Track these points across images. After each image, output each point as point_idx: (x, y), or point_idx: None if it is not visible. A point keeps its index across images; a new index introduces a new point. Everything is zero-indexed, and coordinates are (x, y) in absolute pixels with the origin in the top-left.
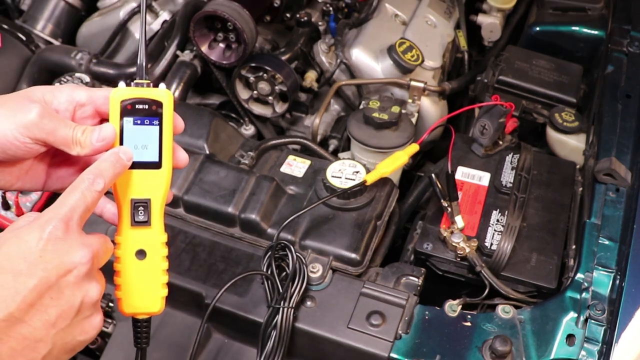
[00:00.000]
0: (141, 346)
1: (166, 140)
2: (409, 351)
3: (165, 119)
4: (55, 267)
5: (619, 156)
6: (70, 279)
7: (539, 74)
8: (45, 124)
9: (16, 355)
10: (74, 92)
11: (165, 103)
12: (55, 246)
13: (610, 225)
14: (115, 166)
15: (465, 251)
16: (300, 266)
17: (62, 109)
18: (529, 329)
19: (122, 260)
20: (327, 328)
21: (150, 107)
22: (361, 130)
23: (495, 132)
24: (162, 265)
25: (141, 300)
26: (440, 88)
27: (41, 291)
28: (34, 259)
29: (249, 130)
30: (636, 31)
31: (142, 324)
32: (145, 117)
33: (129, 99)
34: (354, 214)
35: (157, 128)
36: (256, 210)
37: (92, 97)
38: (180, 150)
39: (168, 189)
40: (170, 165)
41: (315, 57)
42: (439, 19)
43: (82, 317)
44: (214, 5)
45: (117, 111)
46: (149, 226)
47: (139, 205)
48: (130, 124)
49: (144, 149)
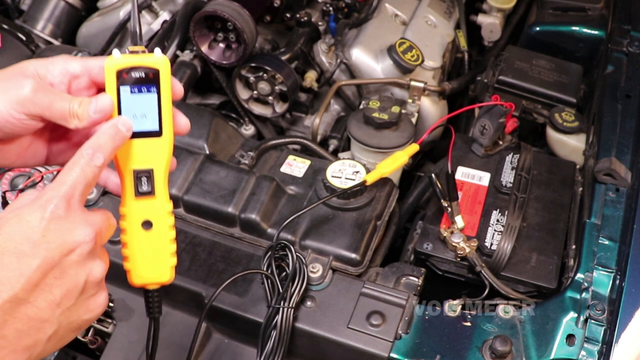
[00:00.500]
0: (154, 316)
1: (165, 107)
2: (409, 351)
3: (163, 85)
4: (59, 247)
5: (619, 156)
6: (74, 258)
7: (539, 74)
8: (40, 98)
9: (22, 336)
10: (67, 64)
11: (162, 69)
12: (57, 225)
13: (610, 225)
14: (114, 139)
15: (465, 251)
16: (300, 266)
17: (56, 82)
18: (529, 329)
19: (128, 232)
20: (327, 328)
21: (147, 75)
22: (361, 130)
23: (495, 132)
24: (169, 235)
25: (150, 271)
26: (440, 88)
27: (45, 271)
28: (37, 239)
29: (249, 130)
30: (636, 31)
31: (154, 294)
32: (142, 84)
33: (125, 67)
34: (354, 214)
35: (155, 95)
36: (256, 210)
37: (86, 68)
38: (180, 116)
39: (170, 156)
40: (172, 133)
41: (315, 57)
42: (439, 19)
43: (87, 296)
44: (214, 5)
45: (113, 80)
46: (153, 196)
47: (142, 175)
48: (128, 92)
49: (143, 118)
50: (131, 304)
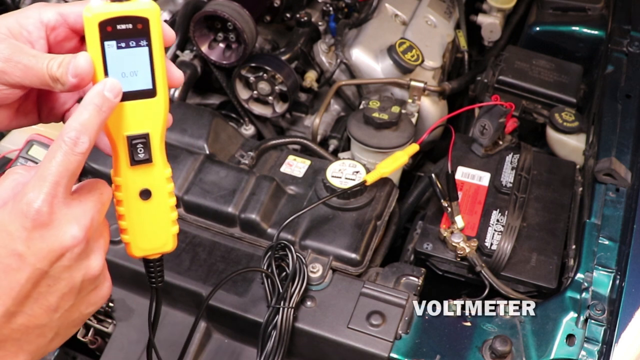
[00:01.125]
0: (156, 285)
1: (158, 62)
2: (409, 351)
3: (154, 36)
4: (46, 256)
5: (618, 156)
6: (65, 263)
7: (539, 74)
8: (13, 66)
9: (22, 345)
10: (41, 14)
11: (152, 18)
12: (41, 232)
13: (610, 225)
14: (101, 111)
15: (465, 251)
16: (300, 266)
17: (33, 38)
18: (528, 329)
19: (125, 203)
20: (327, 328)
21: (135, 26)
22: (361, 130)
23: (495, 132)
24: (169, 202)
25: (151, 242)
26: (440, 88)
27: (36, 282)
28: (22, 251)
29: (249, 130)
30: (636, 31)
31: (155, 263)
32: (130, 38)
33: (108, 18)
34: (354, 214)
35: (146, 49)
36: (256, 210)
37: (62, 16)
38: (173, 68)
39: (167, 116)
40: (167, 90)
41: (315, 57)
42: (439, 19)
43: (87, 292)
44: (214, 5)
45: (95, 35)
46: (150, 164)
47: (137, 142)
48: (114, 48)
49: (133, 76)
50: (131, 304)
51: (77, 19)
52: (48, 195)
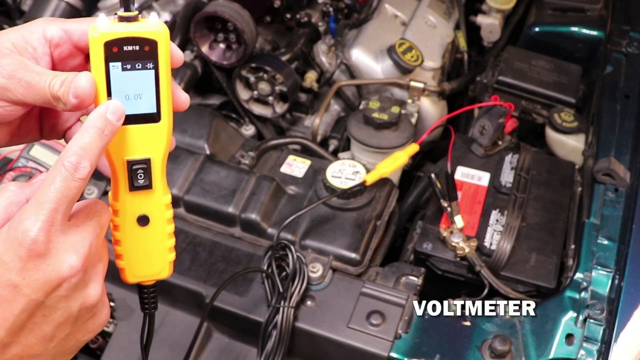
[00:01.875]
0: (149, 311)
1: (164, 86)
2: (409, 351)
3: (161, 60)
4: (42, 287)
5: (618, 156)
6: (62, 293)
7: (538, 75)
8: (16, 84)
9: None
10: (46, 30)
11: (161, 41)
12: (37, 263)
13: (609, 225)
14: (103, 134)
15: (465, 251)
16: (301, 266)
17: (38, 54)
18: (528, 329)
19: (122, 228)
20: (327, 327)
21: (142, 48)
22: (361, 131)
23: (495, 133)
24: (167, 229)
25: (146, 269)
26: (440, 88)
27: (30, 313)
28: (17, 282)
29: (249, 131)
30: (635, 32)
31: (149, 289)
32: (136, 60)
33: (114, 38)
34: (354, 214)
35: (152, 72)
36: (256, 210)
37: (67, 33)
38: (180, 92)
39: (170, 142)
40: (171, 116)
41: (316, 57)
42: (438, 19)
43: (84, 321)
44: (215, 6)
45: (100, 55)
46: (150, 189)
47: (138, 167)
48: (119, 69)
49: (137, 99)
50: (131, 304)
51: (82, 36)
52: (45, 223)
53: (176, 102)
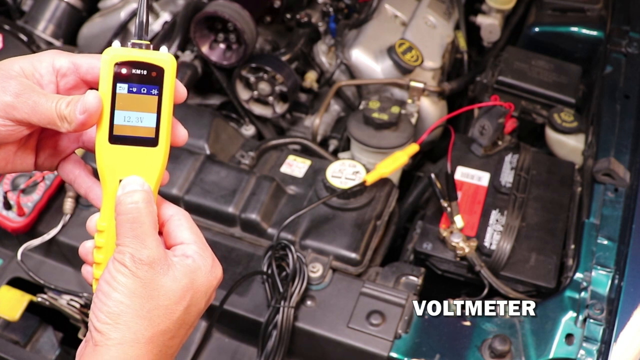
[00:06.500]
0: None
1: (165, 113)
2: (409, 350)
3: (166, 87)
4: (204, 292)
5: (617, 156)
6: None
7: (538, 75)
8: (22, 102)
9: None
10: (55, 60)
11: (167, 70)
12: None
13: (609, 225)
14: (148, 208)
15: (465, 251)
16: (301, 266)
17: (45, 81)
18: (528, 329)
19: (105, 251)
20: (327, 327)
21: (149, 73)
22: (361, 131)
23: (495, 133)
24: None
25: None
26: (440, 88)
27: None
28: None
29: (249, 131)
30: (635, 32)
31: None
32: (142, 84)
33: (125, 61)
34: (354, 214)
35: (155, 98)
36: (256, 210)
37: (75, 65)
38: (180, 127)
39: (164, 170)
40: (168, 143)
41: (316, 57)
42: (438, 19)
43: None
44: (215, 6)
45: (109, 75)
46: None
47: None
48: (125, 90)
49: (138, 122)
50: None
51: (89, 69)
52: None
53: (175, 135)
